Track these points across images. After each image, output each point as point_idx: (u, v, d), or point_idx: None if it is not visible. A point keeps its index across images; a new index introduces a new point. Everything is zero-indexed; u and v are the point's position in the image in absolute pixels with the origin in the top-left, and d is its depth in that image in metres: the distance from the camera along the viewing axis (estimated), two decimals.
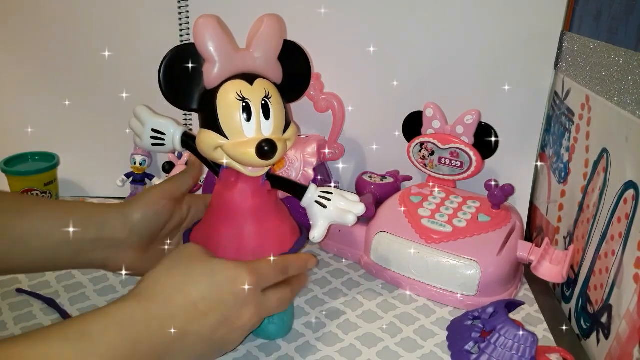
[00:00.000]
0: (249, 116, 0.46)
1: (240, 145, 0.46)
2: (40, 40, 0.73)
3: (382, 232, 0.61)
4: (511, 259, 0.57)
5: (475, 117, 0.63)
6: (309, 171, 0.66)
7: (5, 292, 0.57)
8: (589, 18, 0.60)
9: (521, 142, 0.70)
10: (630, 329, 0.44)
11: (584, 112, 0.58)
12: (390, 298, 0.58)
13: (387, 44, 0.69)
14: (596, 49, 0.55)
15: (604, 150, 0.52)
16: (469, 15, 0.66)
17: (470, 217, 0.60)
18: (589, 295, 0.53)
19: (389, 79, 0.71)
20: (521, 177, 0.71)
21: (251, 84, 0.47)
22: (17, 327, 0.52)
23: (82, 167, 0.79)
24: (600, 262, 0.51)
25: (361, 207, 0.50)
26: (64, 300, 0.56)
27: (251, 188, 0.51)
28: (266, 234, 0.51)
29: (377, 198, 0.68)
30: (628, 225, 0.46)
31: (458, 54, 0.68)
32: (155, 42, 0.63)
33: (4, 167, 0.72)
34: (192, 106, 0.49)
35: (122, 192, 0.78)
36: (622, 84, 0.49)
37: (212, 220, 0.53)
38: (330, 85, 0.70)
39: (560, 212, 0.63)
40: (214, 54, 0.46)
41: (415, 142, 0.68)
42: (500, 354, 0.45)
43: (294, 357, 0.49)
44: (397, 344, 0.51)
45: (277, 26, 0.50)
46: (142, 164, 0.76)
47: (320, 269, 0.64)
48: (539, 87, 0.68)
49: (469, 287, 0.56)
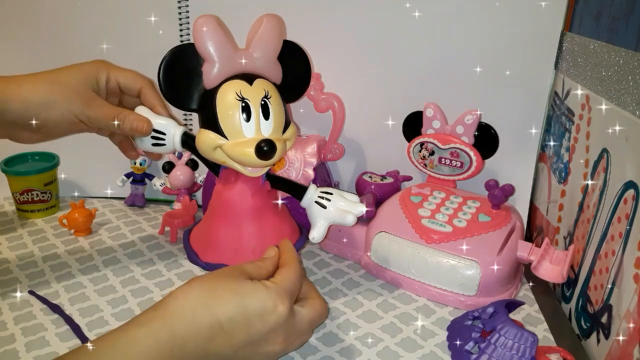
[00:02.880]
0: (249, 116, 0.46)
1: (239, 146, 0.46)
2: (40, 40, 0.73)
3: (382, 232, 0.61)
4: (511, 259, 0.57)
5: (475, 117, 0.63)
6: (309, 171, 0.66)
7: (5, 292, 0.57)
8: (589, 18, 0.60)
9: (521, 142, 0.69)
10: (630, 329, 0.44)
11: (584, 112, 0.58)
12: (390, 298, 0.58)
13: (387, 44, 0.69)
14: (596, 49, 0.55)
15: (604, 150, 0.52)
16: (469, 15, 0.66)
17: (470, 217, 0.60)
18: (589, 295, 0.53)
19: (389, 79, 0.71)
20: (521, 177, 0.71)
21: (250, 84, 0.47)
22: (17, 327, 0.52)
23: (82, 167, 0.79)
24: (600, 262, 0.51)
25: (361, 208, 0.50)
26: (64, 300, 0.56)
27: (251, 188, 0.51)
28: (266, 234, 0.51)
29: (377, 198, 0.68)
30: (628, 225, 0.46)
31: (458, 54, 0.68)
32: (155, 42, 0.63)
33: (4, 167, 0.72)
34: (191, 106, 0.49)
35: (122, 192, 0.79)
36: (622, 84, 0.49)
37: (212, 220, 0.53)
38: (330, 85, 0.70)
39: (560, 212, 0.63)
40: (213, 54, 0.46)
41: (415, 142, 0.68)
42: (500, 354, 0.45)
43: (294, 357, 0.49)
44: (397, 344, 0.51)
45: (277, 26, 0.50)
46: (142, 164, 0.76)
47: (320, 269, 0.64)
48: (539, 87, 0.67)
49: (469, 287, 0.56)
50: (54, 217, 0.74)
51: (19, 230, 0.71)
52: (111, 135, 0.58)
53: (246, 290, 0.40)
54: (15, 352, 0.48)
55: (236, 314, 0.39)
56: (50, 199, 0.74)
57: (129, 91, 0.55)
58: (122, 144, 0.58)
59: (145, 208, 0.78)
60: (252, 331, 0.39)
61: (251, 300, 0.40)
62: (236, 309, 0.39)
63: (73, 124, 0.51)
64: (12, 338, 0.50)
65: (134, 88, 0.55)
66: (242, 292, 0.40)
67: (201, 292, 0.40)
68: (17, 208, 0.74)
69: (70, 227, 0.69)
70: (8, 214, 0.75)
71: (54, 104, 0.50)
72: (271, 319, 0.40)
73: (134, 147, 0.58)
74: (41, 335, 0.51)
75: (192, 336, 0.38)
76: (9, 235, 0.69)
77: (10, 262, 0.63)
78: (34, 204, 0.73)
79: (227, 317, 0.39)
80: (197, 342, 0.38)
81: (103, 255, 0.65)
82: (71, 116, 0.50)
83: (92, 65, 0.53)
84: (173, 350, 0.37)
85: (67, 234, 0.70)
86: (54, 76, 0.51)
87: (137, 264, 0.63)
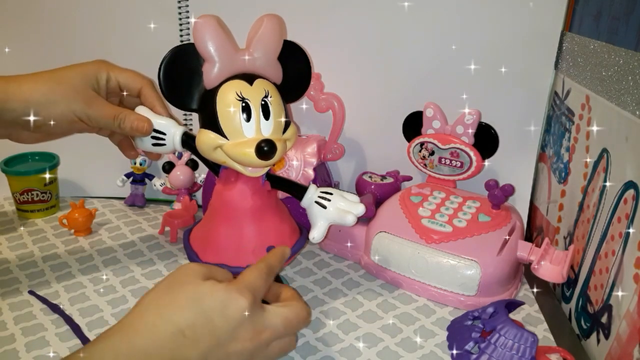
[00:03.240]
0: (249, 116, 0.46)
1: (239, 146, 0.46)
2: (40, 40, 0.73)
3: (382, 232, 0.61)
4: (511, 259, 0.57)
5: (475, 117, 0.63)
6: (309, 171, 0.66)
7: (5, 292, 0.57)
8: (589, 18, 0.60)
9: (521, 142, 0.69)
10: (630, 329, 0.44)
11: (584, 112, 0.58)
12: (390, 298, 0.58)
13: (387, 44, 0.69)
14: (596, 49, 0.55)
15: (604, 150, 0.52)
16: (469, 15, 0.66)
17: (470, 217, 0.60)
18: (589, 295, 0.53)
19: (389, 79, 0.71)
20: (521, 177, 0.71)
21: (251, 84, 0.47)
22: (17, 327, 0.52)
23: (82, 167, 0.79)
24: (600, 262, 0.51)
25: (361, 208, 0.50)
26: (64, 300, 0.56)
27: (251, 188, 0.51)
28: (266, 234, 0.51)
29: (377, 198, 0.68)
30: (628, 225, 0.46)
31: (458, 54, 0.68)
32: (155, 42, 0.63)
33: (4, 167, 0.72)
34: (191, 106, 0.49)
35: (122, 192, 0.79)
36: (622, 84, 0.49)
37: (212, 220, 0.53)
38: (330, 85, 0.70)
39: (560, 212, 0.63)
40: (213, 54, 0.46)
41: (415, 142, 0.68)
42: (500, 354, 0.45)
43: (294, 357, 0.49)
44: (397, 344, 0.51)
45: (277, 26, 0.50)
46: (142, 164, 0.76)
47: (320, 269, 0.64)
48: (539, 87, 0.68)
49: (469, 287, 0.56)
50: (54, 217, 0.74)
51: (19, 230, 0.71)
52: (111, 134, 0.58)
53: (203, 292, 0.39)
54: (15, 352, 0.48)
55: (196, 318, 0.38)
56: (50, 199, 0.74)
57: (129, 91, 0.55)
58: (121, 144, 0.58)
59: (145, 208, 0.78)
60: (217, 331, 0.38)
61: (209, 300, 0.39)
62: (195, 314, 0.38)
63: (73, 123, 0.51)
64: (12, 338, 0.50)
65: (134, 88, 0.55)
66: (199, 295, 0.39)
67: (158, 305, 0.39)
68: (17, 208, 0.74)
69: (70, 227, 0.69)
70: (8, 214, 0.75)
71: (54, 103, 0.49)
72: (232, 314, 0.39)
73: (133, 147, 0.58)
74: (41, 335, 0.51)
75: (156, 349, 0.37)
76: (9, 235, 0.69)
77: (10, 262, 0.63)
78: (34, 204, 0.73)
79: (188, 324, 0.38)
80: (163, 355, 0.37)
81: (103, 255, 0.65)
82: (72, 115, 0.50)
83: (93, 65, 0.53)
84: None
85: (67, 234, 0.70)
86: (54, 76, 0.51)
87: (137, 264, 0.63)
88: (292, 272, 0.63)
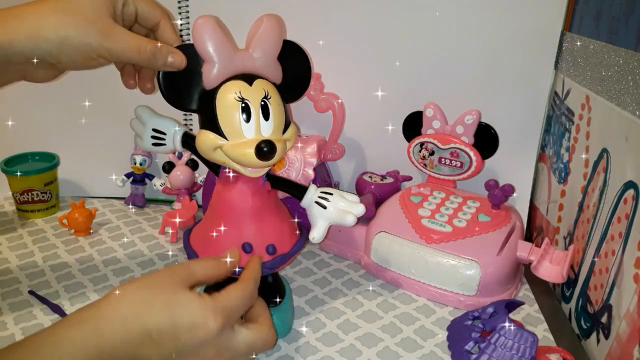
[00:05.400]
0: (248, 117, 0.46)
1: (239, 146, 0.46)
2: None
3: (382, 232, 0.61)
4: (511, 259, 0.57)
5: (475, 117, 0.63)
6: (309, 171, 0.66)
7: (5, 292, 0.57)
8: (589, 18, 0.60)
9: (521, 142, 0.69)
10: (630, 329, 0.44)
11: (584, 112, 0.58)
12: (390, 298, 0.58)
13: (387, 44, 0.69)
14: (596, 49, 0.55)
15: (604, 150, 0.52)
16: (469, 15, 0.66)
17: (470, 217, 0.60)
18: (589, 295, 0.53)
19: (389, 79, 0.71)
20: (521, 177, 0.71)
21: (250, 85, 0.47)
22: (17, 327, 0.52)
23: (82, 167, 0.79)
24: (600, 262, 0.51)
25: (361, 208, 0.50)
26: (64, 300, 0.56)
27: (251, 188, 0.51)
28: (266, 234, 0.51)
29: (377, 198, 0.68)
30: (628, 225, 0.46)
31: (458, 54, 0.68)
32: None
33: (4, 167, 0.72)
34: (191, 107, 0.49)
35: (122, 192, 0.79)
36: (622, 84, 0.49)
37: (212, 220, 0.53)
38: (330, 85, 0.70)
39: (560, 212, 0.63)
40: (213, 55, 0.46)
41: (415, 142, 0.68)
42: (500, 354, 0.45)
43: (294, 357, 0.49)
44: (397, 344, 0.51)
45: (277, 26, 0.50)
46: (142, 164, 0.76)
47: (320, 269, 0.64)
48: (539, 87, 0.67)
49: (469, 287, 0.56)
50: (54, 217, 0.74)
51: (19, 230, 0.71)
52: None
53: (179, 301, 0.39)
54: None
55: (165, 325, 0.38)
56: (50, 199, 0.74)
57: (145, 21, 0.48)
58: (124, 70, 0.52)
59: (145, 208, 0.78)
60: (180, 344, 0.38)
61: (182, 312, 0.39)
62: (165, 321, 0.38)
63: (90, 60, 0.45)
64: (12, 338, 0.50)
65: (152, 19, 0.48)
66: (175, 303, 0.39)
67: (135, 300, 0.39)
68: (17, 208, 0.74)
69: (70, 227, 0.69)
70: (8, 214, 0.75)
71: (66, 39, 0.42)
72: (200, 334, 0.39)
73: (134, 75, 0.53)
74: None
75: (122, 343, 0.37)
76: (9, 235, 0.69)
77: (10, 262, 0.63)
78: (34, 204, 0.73)
79: (156, 329, 0.38)
80: (127, 350, 0.37)
81: (103, 255, 0.65)
82: (88, 50, 0.44)
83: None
84: (102, 356, 0.36)
85: (67, 234, 0.70)
86: (61, 4, 0.43)
87: (137, 264, 0.63)
88: (292, 272, 0.63)
